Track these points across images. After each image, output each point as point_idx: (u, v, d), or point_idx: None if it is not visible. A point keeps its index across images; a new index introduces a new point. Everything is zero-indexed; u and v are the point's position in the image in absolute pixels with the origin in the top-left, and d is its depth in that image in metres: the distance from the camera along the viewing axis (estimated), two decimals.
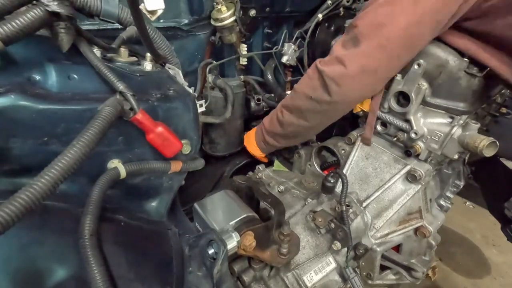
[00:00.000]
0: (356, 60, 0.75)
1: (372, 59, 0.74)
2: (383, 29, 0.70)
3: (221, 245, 0.60)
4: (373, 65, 0.75)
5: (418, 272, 0.93)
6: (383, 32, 0.70)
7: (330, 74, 0.78)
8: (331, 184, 0.88)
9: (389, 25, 0.69)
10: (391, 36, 0.70)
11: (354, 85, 0.78)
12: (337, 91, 0.79)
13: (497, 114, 1.04)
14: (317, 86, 0.83)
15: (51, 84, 0.54)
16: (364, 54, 0.73)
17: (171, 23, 0.99)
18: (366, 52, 0.73)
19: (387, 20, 0.70)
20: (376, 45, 0.72)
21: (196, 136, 0.73)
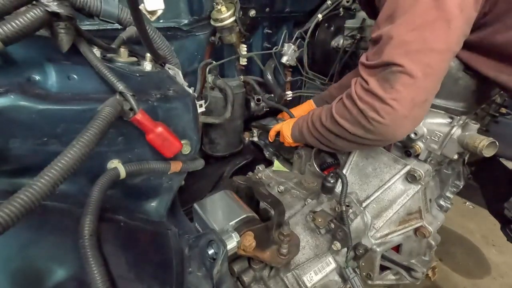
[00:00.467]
0: (405, 98, 0.67)
1: (420, 91, 0.68)
2: (423, 59, 0.65)
3: (221, 245, 0.60)
4: (423, 96, 0.69)
5: (418, 272, 0.93)
6: (424, 61, 0.65)
7: (379, 119, 0.70)
8: (331, 184, 0.88)
9: (428, 53, 0.64)
10: (432, 63, 0.65)
11: (404, 123, 0.71)
12: (386, 132, 0.72)
13: (497, 114, 1.04)
14: (361, 125, 0.75)
15: (51, 84, 0.54)
16: (411, 88, 0.66)
17: (171, 23, 0.99)
18: (412, 87, 0.66)
19: (423, 48, 0.64)
20: (421, 76, 0.65)
21: (196, 136, 0.73)
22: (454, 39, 0.66)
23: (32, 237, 0.47)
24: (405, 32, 0.65)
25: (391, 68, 0.66)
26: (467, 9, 0.64)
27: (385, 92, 0.68)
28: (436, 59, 0.65)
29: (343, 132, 0.81)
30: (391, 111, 0.68)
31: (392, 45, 0.66)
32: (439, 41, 0.64)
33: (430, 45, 0.64)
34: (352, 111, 0.75)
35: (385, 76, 0.68)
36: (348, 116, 0.77)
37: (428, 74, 0.66)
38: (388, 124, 0.70)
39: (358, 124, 0.75)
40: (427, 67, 0.65)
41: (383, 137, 0.74)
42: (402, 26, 0.66)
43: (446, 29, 0.63)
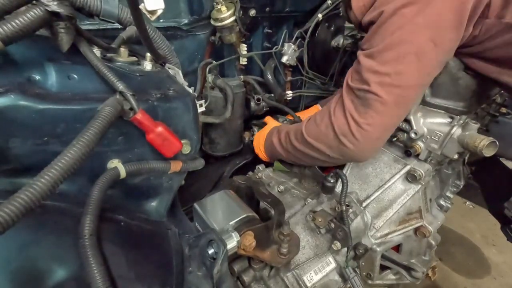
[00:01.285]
0: (376, 123, 0.73)
1: (392, 118, 0.74)
2: (395, 90, 0.69)
3: (221, 245, 0.60)
4: (393, 121, 0.76)
5: (418, 272, 0.93)
6: (397, 92, 0.70)
7: (353, 140, 0.76)
8: (331, 184, 0.88)
9: (400, 85, 0.69)
10: (404, 93, 0.70)
11: (377, 143, 0.79)
12: (364, 154, 0.79)
13: (497, 114, 1.04)
14: (333, 146, 0.80)
15: (51, 84, 0.54)
16: (382, 115, 0.72)
17: (171, 23, 0.99)
18: (385, 113, 0.72)
19: (396, 81, 0.68)
20: (393, 105, 0.71)
21: (196, 136, 0.73)
22: (426, 72, 0.70)
23: (32, 237, 0.47)
24: (381, 64, 0.69)
25: (366, 95, 0.71)
26: (442, 42, 0.66)
27: (359, 116, 0.73)
28: (408, 91, 0.70)
29: (314, 153, 0.87)
30: (365, 134, 0.74)
31: (370, 74, 0.71)
32: (410, 76, 0.68)
33: (402, 79, 0.68)
34: (327, 132, 0.81)
35: (361, 101, 0.73)
36: (321, 137, 0.83)
37: (400, 103, 0.71)
38: (361, 144, 0.75)
39: (332, 144, 0.80)
40: (399, 97, 0.70)
41: (353, 157, 0.80)
42: (378, 57, 0.70)
43: (417, 63, 0.67)
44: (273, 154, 1.09)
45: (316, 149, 0.85)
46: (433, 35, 0.65)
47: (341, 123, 0.77)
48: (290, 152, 0.96)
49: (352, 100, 0.75)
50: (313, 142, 0.85)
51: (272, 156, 1.12)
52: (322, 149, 0.83)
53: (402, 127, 0.89)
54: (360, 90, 0.73)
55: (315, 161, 0.91)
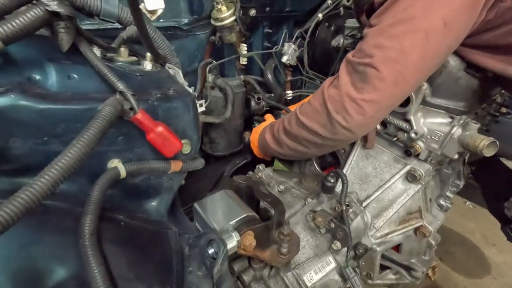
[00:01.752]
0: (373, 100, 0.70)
1: (388, 96, 0.71)
2: (396, 66, 0.67)
3: (221, 244, 0.60)
4: (389, 101, 0.72)
5: (418, 272, 0.93)
6: (397, 68, 0.67)
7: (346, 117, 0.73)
8: (331, 184, 0.88)
9: (402, 61, 0.66)
10: (405, 72, 0.67)
11: (371, 122, 0.76)
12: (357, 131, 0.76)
13: (497, 114, 1.04)
14: (327, 123, 0.78)
15: (51, 84, 0.54)
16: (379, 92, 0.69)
17: (171, 22, 0.99)
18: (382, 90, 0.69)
19: (399, 56, 0.66)
20: (391, 83, 0.68)
21: (196, 136, 0.73)
22: (431, 54, 0.67)
23: (32, 237, 0.47)
24: (388, 38, 0.67)
25: (366, 69, 0.69)
26: (454, 23, 0.64)
27: (356, 91, 0.71)
28: (409, 69, 0.67)
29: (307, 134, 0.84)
30: (359, 110, 0.71)
31: (374, 48, 0.69)
32: (415, 54, 0.65)
33: (406, 56, 0.66)
34: (320, 110, 0.78)
35: (359, 76, 0.70)
36: (315, 115, 0.81)
37: (399, 82, 0.68)
38: (354, 121, 0.73)
39: (324, 122, 0.78)
40: (399, 75, 0.67)
41: (346, 135, 0.77)
42: (387, 31, 0.67)
43: (424, 41, 0.64)
44: (266, 150, 1.08)
45: (309, 130, 0.83)
46: (445, 15, 0.62)
47: (335, 100, 0.75)
48: (283, 141, 0.94)
49: (349, 75, 0.73)
50: (306, 122, 0.83)
51: (266, 152, 1.11)
52: (315, 128, 0.81)
53: (402, 127, 0.89)
54: (360, 64, 0.70)
55: (307, 146, 0.88)
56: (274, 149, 1.01)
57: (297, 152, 0.94)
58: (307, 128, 0.83)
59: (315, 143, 0.85)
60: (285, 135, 0.93)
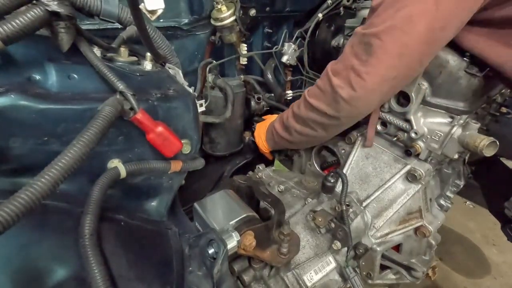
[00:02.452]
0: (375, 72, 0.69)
1: (391, 69, 0.69)
2: (402, 36, 0.65)
3: (221, 244, 0.60)
4: (392, 74, 0.70)
5: (418, 272, 0.93)
6: (402, 39, 0.65)
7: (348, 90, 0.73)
8: (331, 183, 0.88)
9: (408, 31, 0.64)
10: (410, 43, 0.65)
11: (375, 95, 0.74)
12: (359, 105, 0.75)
13: (497, 114, 1.04)
14: (332, 101, 0.78)
15: (51, 84, 0.54)
16: (382, 64, 0.68)
17: (171, 22, 0.99)
18: (385, 61, 0.68)
19: (405, 25, 0.64)
20: (395, 55, 0.67)
21: (196, 136, 0.73)
22: (439, 23, 0.64)
23: (33, 237, 0.47)
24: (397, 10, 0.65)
25: (371, 39, 0.68)
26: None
27: (359, 63, 0.71)
28: (415, 40, 0.65)
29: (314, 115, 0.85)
30: (362, 83, 0.71)
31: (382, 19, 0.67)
32: (422, 25, 0.63)
33: (412, 26, 0.64)
34: (325, 88, 0.80)
35: (364, 48, 0.70)
36: (320, 95, 0.82)
37: (403, 54, 0.67)
38: (356, 94, 0.72)
39: (329, 100, 0.79)
40: (404, 47, 0.66)
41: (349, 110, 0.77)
42: (398, 1, 0.65)
43: (433, 10, 0.62)
44: (276, 142, 1.09)
45: (316, 110, 0.84)
46: None
47: (338, 73, 0.76)
48: (291, 126, 0.96)
49: (354, 47, 0.73)
50: (313, 102, 0.84)
51: (274, 144, 1.11)
52: (321, 107, 0.82)
53: (402, 127, 0.89)
54: (366, 35, 0.69)
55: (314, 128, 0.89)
56: (283, 137, 1.02)
57: (305, 136, 0.95)
58: (314, 109, 0.85)
59: (321, 124, 0.86)
60: (294, 119, 0.94)
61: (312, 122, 0.88)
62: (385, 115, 0.92)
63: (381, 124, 0.96)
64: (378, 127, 0.96)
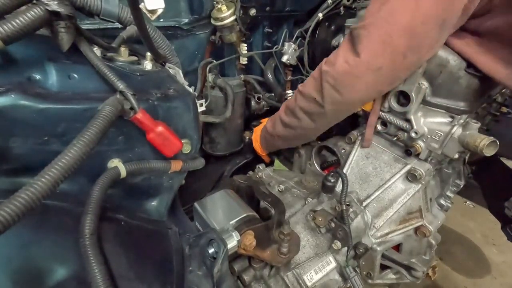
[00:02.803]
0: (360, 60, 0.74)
1: (375, 56, 0.73)
2: (385, 26, 0.70)
3: (221, 244, 0.60)
4: (377, 62, 0.73)
5: (418, 272, 0.93)
6: (385, 28, 0.70)
7: (335, 74, 0.78)
8: (331, 183, 0.88)
9: (391, 22, 0.69)
10: (393, 33, 0.70)
11: (359, 84, 0.77)
12: (342, 91, 0.79)
13: (498, 114, 1.04)
14: (319, 86, 0.82)
15: (51, 84, 0.54)
16: (367, 51, 0.72)
17: (171, 22, 0.99)
18: (369, 48, 0.72)
19: (389, 17, 0.69)
20: (378, 42, 0.71)
21: (196, 136, 0.73)
22: (420, 17, 0.68)
23: (33, 236, 0.47)
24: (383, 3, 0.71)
25: (359, 31, 0.74)
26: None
27: (347, 52, 0.76)
28: (396, 31, 0.70)
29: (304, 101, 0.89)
30: (348, 69, 0.76)
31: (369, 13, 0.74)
32: (402, 15, 0.68)
33: (394, 16, 0.69)
34: (316, 75, 0.85)
35: (353, 40, 0.75)
36: (311, 81, 0.87)
37: (386, 42, 0.71)
38: (341, 79, 0.77)
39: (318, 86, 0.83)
40: (387, 36, 0.71)
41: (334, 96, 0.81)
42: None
43: (413, 5, 0.67)
44: (267, 142, 1.12)
45: (305, 96, 0.89)
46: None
47: (330, 62, 0.80)
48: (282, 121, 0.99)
49: (347, 42, 0.78)
50: (303, 89, 0.89)
51: (267, 144, 1.14)
52: (310, 92, 0.86)
53: (403, 127, 0.89)
54: (355, 29, 0.75)
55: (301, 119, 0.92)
56: (272, 134, 1.06)
57: (292, 130, 0.98)
58: (304, 95, 0.89)
59: (308, 112, 0.90)
60: (284, 112, 0.98)
61: (299, 111, 0.92)
62: (385, 115, 0.92)
63: (381, 124, 0.96)
64: (378, 126, 0.96)
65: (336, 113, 0.88)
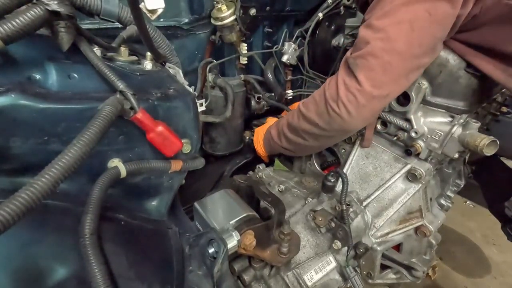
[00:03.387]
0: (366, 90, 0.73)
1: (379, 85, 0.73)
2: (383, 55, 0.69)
3: (222, 244, 0.60)
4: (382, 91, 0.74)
5: (419, 271, 0.93)
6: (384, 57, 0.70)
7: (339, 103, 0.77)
8: (331, 183, 0.88)
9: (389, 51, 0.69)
10: (392, 60, 0.69)
11: (365, 112, 0.77)
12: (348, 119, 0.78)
13: (498, 113, 1.04)
14: (323, 113, 0.82)
15: (51, 83, 0.54)
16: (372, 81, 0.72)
17: (171, 22, 0.99)
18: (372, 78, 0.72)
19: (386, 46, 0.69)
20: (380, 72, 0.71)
21: (196, 135, 0.73)
22: (417, 42, 0.69)
23: (33, 236, 0.47)
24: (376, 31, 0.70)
25: (357, 60, 0.73)
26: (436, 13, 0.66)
27: (350, 80, 0.75)
28: (396, 57, 0.70)
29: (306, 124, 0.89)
30: (352, 98, 0.75)
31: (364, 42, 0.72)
32: (401, 43, 0.68)
33: (392, 45, 0.69)
34: (319, 100, 0.83)
35: (354, 68, 0.74)
36: (314, 105, 0.86)
37: (387, 70, 0.71)
38: (347, 109, 0.76)
39: (321, 111, 0.82)
40: (387, 64, 0.70)
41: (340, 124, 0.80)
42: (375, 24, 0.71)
43: (409, 31, 0.67)
44: (271, 147, 1.11)
45: (307, 120, 0.87)
46: (429, 6, 0.65)
47: (332, 89, 0.79)
48: (285, 134, 0.99)
49: (346, 68, 0.77)
50: (305, 112, 0.88)
51: (270, 149, 1.13)
52: (313, 117, 0.85)
53: (403, 126, 0.89)
54: (353, 58, 0.74)
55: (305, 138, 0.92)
56: (277, 143, 1.05)
57: (297, 146, 0.98)
58: (306, 118, 0.88)
59: (312, 134, 0.89)
60: (287, 128, 0.97)
61: (303, 132, 0.91)
62: (385, 115, 0.92)
63: (381, 124, 0.96)
64: (378, 126, 0.96)
65: (341, 135, 0.91)
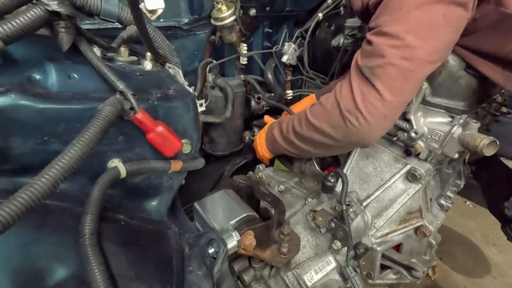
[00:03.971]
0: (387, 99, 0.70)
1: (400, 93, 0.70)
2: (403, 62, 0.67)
3: (221, 244, 0.60)
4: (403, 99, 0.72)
5: (419, 272, 0.93)
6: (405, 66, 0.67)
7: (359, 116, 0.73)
8: (331, 183, 0.88)
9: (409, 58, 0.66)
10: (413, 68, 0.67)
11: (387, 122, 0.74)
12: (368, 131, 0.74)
13: (498, 114, 1.04)
14: (339, 125, 0.77)
15: (51, 84, 0.54)
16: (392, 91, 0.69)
17: (171, 22, 0.99)
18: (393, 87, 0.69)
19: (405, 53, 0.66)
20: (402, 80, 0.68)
21: (196, 136, 0.73)
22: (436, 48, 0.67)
23: (33, 236, 0.47)
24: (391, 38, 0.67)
25: (375, 70, 0.69)
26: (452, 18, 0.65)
27: (368, 90, 0.70)
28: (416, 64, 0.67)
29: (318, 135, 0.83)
30: (372, 109, 0.70)
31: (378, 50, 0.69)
32: (422, 50, 0.66)
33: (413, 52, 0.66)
34: (332, 110, 0.77)
35: (370, 77, 0.70)
36: (325, 116, 0.80)
37: (408, 77, 0.68)
38: (367, 122, 0.72)
39: (336, 124, 0.77)
40: (408, 71, 0.68)
41: (359, 136, 0.75)
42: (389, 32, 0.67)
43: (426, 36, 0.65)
44: (275, 148, 1.06)
45: (319, 131, 0.82)
46: (444, 10, 0.63)
47: (347, 99, 0.74)
48: (292, 141, 0.93)
49: (360, 78, 0.73)
50: (316, 123, 0.82)
51: (274, 150, 1.09)
52: (326, 130, 0.79)
53: (402, 127, 0.89)
54: (370, 68, 0.71)
55: (318, 147, 0.87)
56: (282, 147, 1.00)
57: (306, 153, 0.94)
58: (316, 129, 0.82)
59: (325, 145, 0.84)
60: (294, 135, 0.92)
61: (314, 142, 0.86)
62: None
63: None
64: None
65: (357, 146, 0.88)
